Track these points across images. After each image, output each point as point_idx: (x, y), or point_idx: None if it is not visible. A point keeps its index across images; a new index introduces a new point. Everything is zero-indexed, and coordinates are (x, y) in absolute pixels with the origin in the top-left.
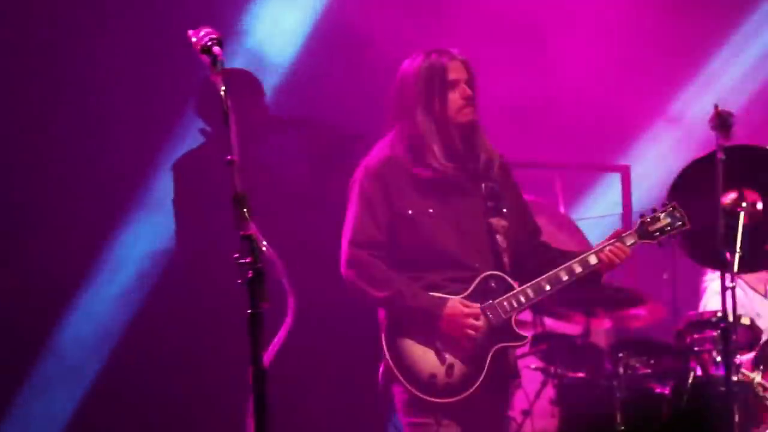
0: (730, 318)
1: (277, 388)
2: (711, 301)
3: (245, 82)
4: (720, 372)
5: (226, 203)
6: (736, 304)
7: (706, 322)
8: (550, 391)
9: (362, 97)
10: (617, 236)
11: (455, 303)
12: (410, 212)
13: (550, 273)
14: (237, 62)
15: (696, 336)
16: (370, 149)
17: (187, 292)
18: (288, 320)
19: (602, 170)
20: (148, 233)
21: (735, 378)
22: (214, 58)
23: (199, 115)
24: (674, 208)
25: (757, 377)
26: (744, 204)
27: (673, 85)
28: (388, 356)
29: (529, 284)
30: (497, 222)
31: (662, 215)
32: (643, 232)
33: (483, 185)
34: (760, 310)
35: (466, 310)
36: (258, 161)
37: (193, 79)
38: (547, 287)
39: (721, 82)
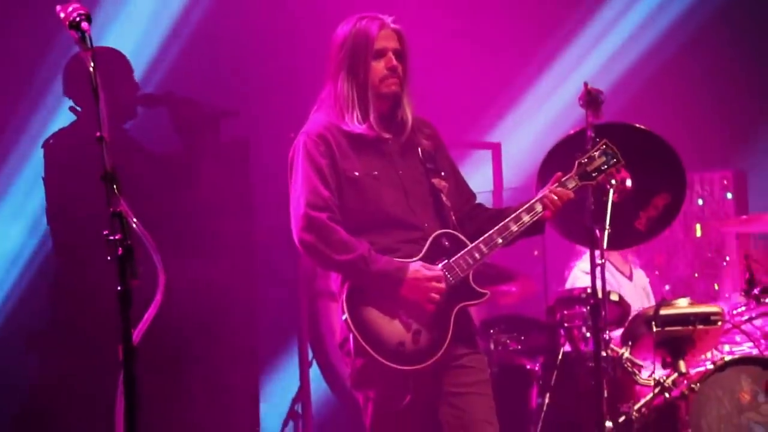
0: (600, 294)
1: (147, 365)
2: (578, 280)
3: (114, 59)
4: (589, 348)
5: (97, 180)
6: (605, 281)
7: (576, 298)
8: None
9: (234, 72)
10: (558, 181)
11: (417, 267)
12: (357, 174)
13: (500, 225)
14: (106, 39)
15: (566, 312)
16: (239, 124)
17: (58, 270)
18: (158, 297)
19: (473, 147)
20: (17, 212)
21: (604, 353)
22: (83, 34)
23: (68, 92)
24: (606, 145)
25: (625, 353)
26: (613, 181)
27: (542, 63)
28: (353, 328)
29: (481, 239)
30: (439, 182)
31: (597, 154)
32: (582, 174)
33: (419, 149)
34: (625, 293)
35: (429, 273)
36: (128, 138)
37: (62, 54)
38: (499, 240)
39: (590, 61)
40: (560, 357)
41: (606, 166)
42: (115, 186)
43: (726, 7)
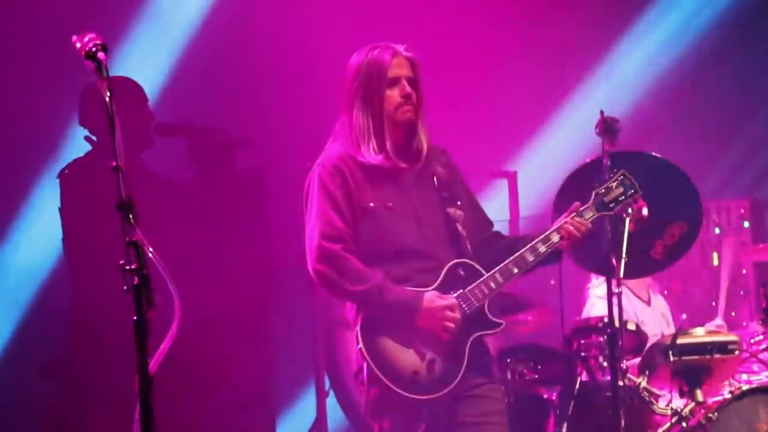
0: (617, 323)
1: (164, 394)
2: (594, 308)
3: (129, 89)
4: (606, 377)
5: (113, 210)
6: (622, 310)
7: (592, 327)
8: None
9: (250, 102)
10: (575, 211)
11: (432, 296)
12: (372, 205)
13: (516, 255)
14: (123, 68)
15: (583, 341)
16: (256, 154)
17: (74, 299)
18: (174, 327)
19: (490, 176)
20: (32, 243)
21: (621, 383)
22: (99, 64)
23: (83, 122)
24: (624, 175)
25: (643, 382)
26: (630, 210)
27: (559, 92)
28: (367, 357)
29: (496, 269)
30: (454, 212)
31: (614, 185)
32: (600, 204)
33: (434, 178)
34: (643, 318)
35: (443, 302)
36: (144, 167)
37: (77, 85)
38: (515, 270)
39: (606, 89)
40: (577, 386)
41: (623, 197)
42: (130, 215)
43: (742, 33)
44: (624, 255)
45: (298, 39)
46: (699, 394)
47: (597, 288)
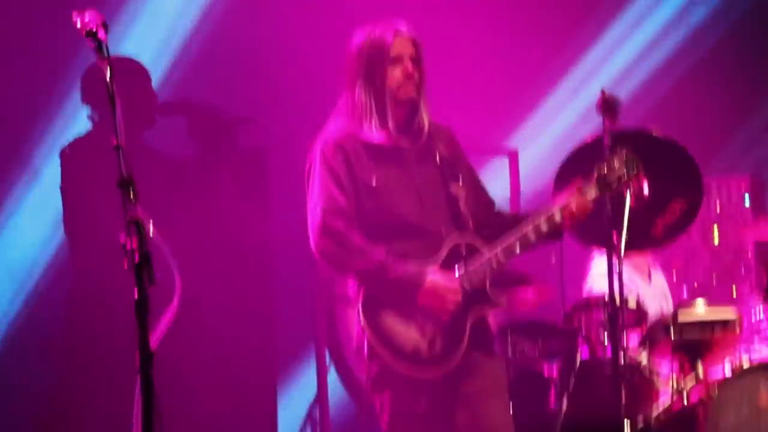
0: (618, 300)
1: (165, 370)
2: (596, 283)
3: (131, 69)
4: (607, 354)
5: (114, 188)
6: (623, 285)
7: (593, 303)
8: None
9: (252, 80)
10: (577, 188)
11: (435, 276)
12: (373, 182)
13: (518, 233)
14: (124, 47)
15: (583, 318)
16: (257, 132)
17: (75, 278)
18: (174, 303)
19: (490, 154)
20: (34, 221)
21: (622, 359)
22: (100, 43)
23: (86, 100)
24: (625, 153)
25: (644, 359)
26: (631, 187)
27: (560, 70)
28: (369, 333)
29: (498, 247)
30: (456, 190)
31: (616, 163)
32: (602, 184)
33: (436, 156)
34: (644, 296)
35: (446, 284)
36: (145, 146)
37: (79, 64)
38: (517, 248)
39: (609, 68)
40: (578, 363)
41: (626, 176)
42: (131, 193)
43: (746, 14)
44: (624, 232)
45: (299, 17)
46: (700, 371)
47: (600, 260)
